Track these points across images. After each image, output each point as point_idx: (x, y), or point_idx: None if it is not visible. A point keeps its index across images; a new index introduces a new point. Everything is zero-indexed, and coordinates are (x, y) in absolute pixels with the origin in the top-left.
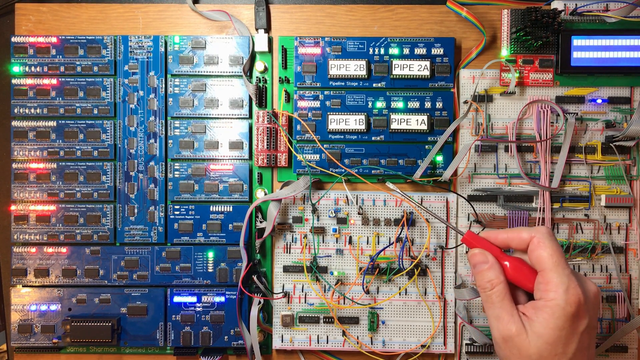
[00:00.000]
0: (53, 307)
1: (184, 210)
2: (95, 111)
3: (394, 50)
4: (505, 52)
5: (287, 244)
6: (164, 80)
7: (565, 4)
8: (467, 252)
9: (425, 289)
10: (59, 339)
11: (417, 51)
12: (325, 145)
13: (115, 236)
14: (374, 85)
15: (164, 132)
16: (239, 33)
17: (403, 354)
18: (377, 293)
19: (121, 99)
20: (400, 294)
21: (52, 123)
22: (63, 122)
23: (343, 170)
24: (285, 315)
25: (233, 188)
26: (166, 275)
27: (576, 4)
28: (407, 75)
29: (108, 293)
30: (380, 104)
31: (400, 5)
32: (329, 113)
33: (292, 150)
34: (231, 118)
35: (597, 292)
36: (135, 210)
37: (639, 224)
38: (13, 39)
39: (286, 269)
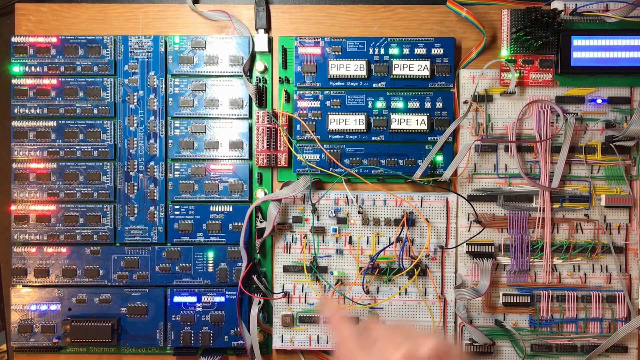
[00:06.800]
0: (53, 307)
1: (184, 210)
2: (95, 111)
3: (394, 50)
4: (505, 52)
5: (287, 244)
6: (164, 80)
7: (565, 4)
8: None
9: (425, 289)
10: (59, 339)
11: (417, 51)
12: (325, 145)
13: (115, 236)
14: (374, 85)
15: (164, 132)
16: (239, 33)
17: None
18: (377, 293)
19: (121, 99)
20: (400, 294)
21: (52, 123)
22: (63, 122)
23: (343, 170)
24: (285, 315)
25: (233, 188)
26: (166, 275)
27: (576, 4)
28: (407, 75)
29: (108, 293)
30: (380, 104)
31: (400, 5)
32: (329, 113)
33: (292, 150)
34: (231, 118)
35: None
36: (135, 210)
37: (639, 224)
38: (13, 39)
39: (286, 269)
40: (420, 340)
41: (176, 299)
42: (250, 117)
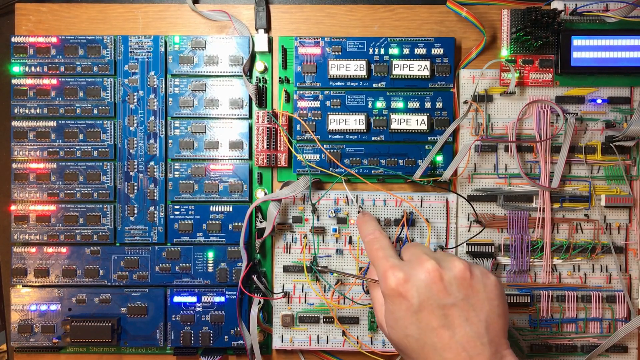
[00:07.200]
0: (53, 307)
1: (184, 210)
2: (95, 111)
3: (394, 50)
4: (505, 52)
5: (287, 244)
6: (164, 80)
7: (565, 4)
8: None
9: None
10: (59, 339)
11: (417, 51)
12: (325, 145)
13: (115, 236)
14: (374, 85)
15: (164, 132)
16: (239, 33)
17: None
18: None
19: (121, 99)
20: None
21: (52, 123)
22: (63, 122)
23: (343, 170)
24: (285, 315)
25: (233, 188)
26: (166, 275)
27: (576, 4)
28: (407, 75)
29: (108, 293)
30: (380, 104)
31: (400, 5)
32: (329, 113)
33: (292, 150)
34: (231, 118)
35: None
36: (135, 210)
37: (639, 224)
38: (13, 39)
39: (286, 269)
40: (450, 259)
41: (176, 299)
42: (250, 117)
